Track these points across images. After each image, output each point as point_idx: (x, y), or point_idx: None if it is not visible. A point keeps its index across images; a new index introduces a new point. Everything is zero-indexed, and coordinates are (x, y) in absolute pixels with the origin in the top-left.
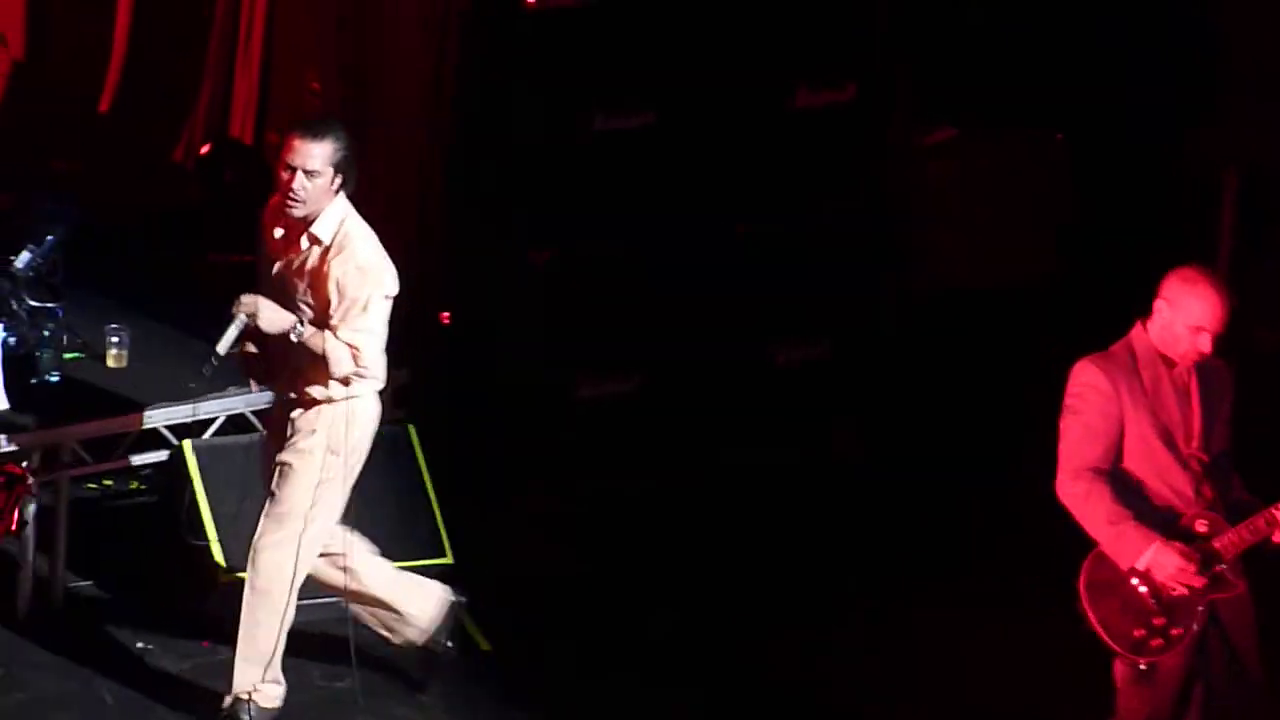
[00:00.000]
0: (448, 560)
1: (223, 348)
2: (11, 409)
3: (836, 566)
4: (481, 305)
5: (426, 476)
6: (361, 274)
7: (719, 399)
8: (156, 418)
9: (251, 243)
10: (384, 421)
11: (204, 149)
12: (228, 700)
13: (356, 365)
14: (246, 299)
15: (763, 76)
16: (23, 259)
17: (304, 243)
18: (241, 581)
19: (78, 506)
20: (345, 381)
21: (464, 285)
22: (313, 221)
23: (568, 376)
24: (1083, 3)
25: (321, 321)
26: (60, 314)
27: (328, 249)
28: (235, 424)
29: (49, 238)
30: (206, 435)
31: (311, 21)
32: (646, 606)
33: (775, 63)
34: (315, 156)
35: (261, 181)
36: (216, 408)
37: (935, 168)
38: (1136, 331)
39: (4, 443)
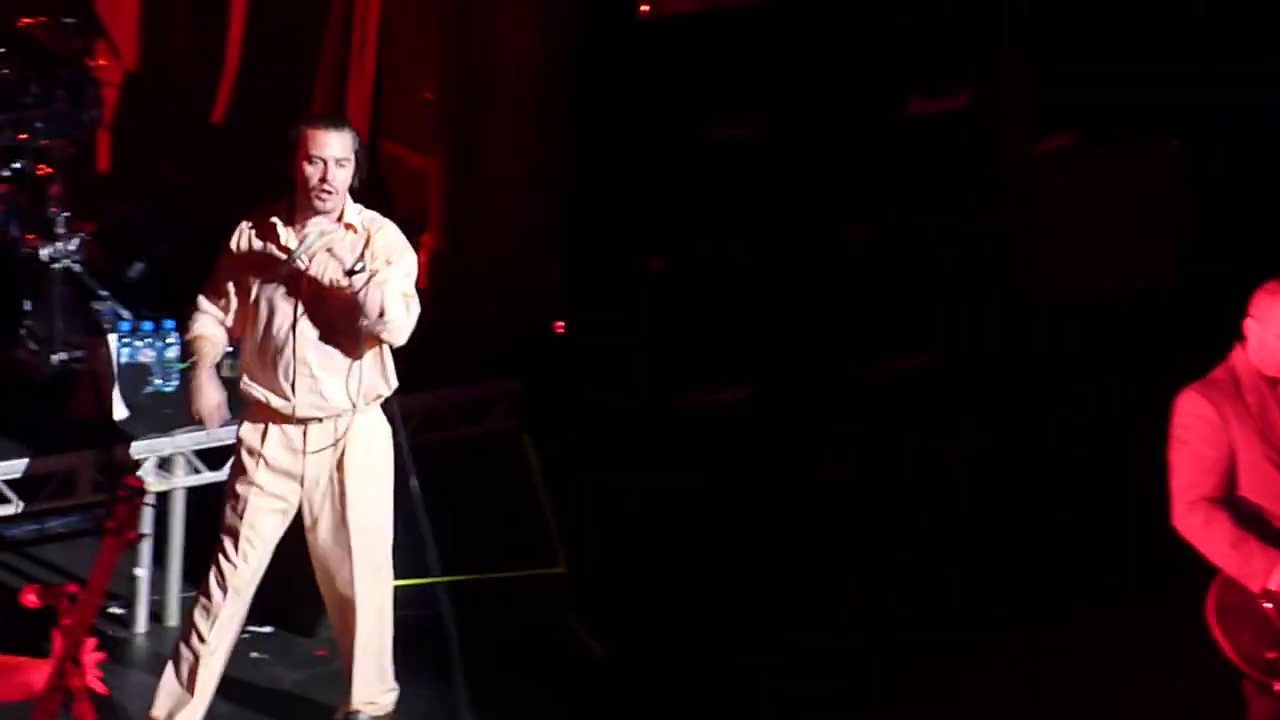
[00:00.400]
0: (561, 569)
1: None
2: (127, 419)
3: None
4: (595, 314)
5: (541, 486)
6: (403, 247)
7: (829, 408)
8: None
9: None
10: (498, 431)
11: None
12: (341, 712)
13: (408, 314)
14: (325, 224)
15: (876, 83)
16: (135, 269)
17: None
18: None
19: (191, 517)
20: (384, 340)
21: (578, 294)
22: (342, 212)
23: (679, 384)
24: (1199, 8)
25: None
26: (173, 324)
27: (366, 232)
28: None
29: (162, 248)
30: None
31: (424, 32)
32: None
33: (889, 69)
34: (341, 145)
35: (374, 192)
36: None
37: (1051, 175)
38: (1237, 354)
39: (118, 453)
